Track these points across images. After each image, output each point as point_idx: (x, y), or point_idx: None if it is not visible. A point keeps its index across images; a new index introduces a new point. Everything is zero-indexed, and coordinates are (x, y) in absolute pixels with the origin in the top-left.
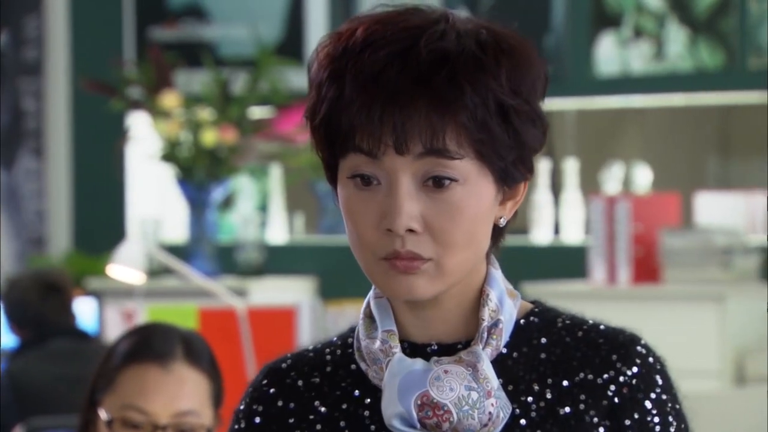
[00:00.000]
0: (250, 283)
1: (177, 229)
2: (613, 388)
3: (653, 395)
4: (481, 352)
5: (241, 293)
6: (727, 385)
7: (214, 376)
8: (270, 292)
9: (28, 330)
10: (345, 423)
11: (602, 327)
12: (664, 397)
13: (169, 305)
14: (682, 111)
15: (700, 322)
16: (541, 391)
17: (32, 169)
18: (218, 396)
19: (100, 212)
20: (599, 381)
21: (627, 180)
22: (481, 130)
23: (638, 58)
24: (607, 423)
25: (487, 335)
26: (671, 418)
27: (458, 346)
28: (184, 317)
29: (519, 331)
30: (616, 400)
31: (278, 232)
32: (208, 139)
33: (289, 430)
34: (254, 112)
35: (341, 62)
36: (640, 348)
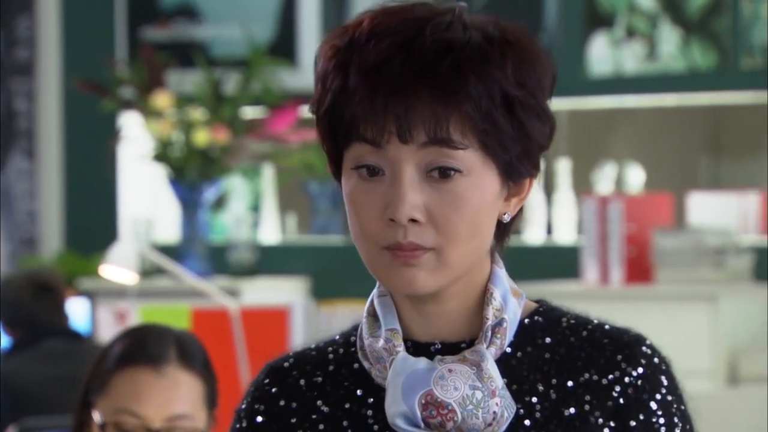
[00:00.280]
0: (243, 283)
1: (169, 230)
2: (618, 388)
3: (659, 396)
4: (485, 351)
5: (233, 293)
6: (720, 386)
7: (208, 378)
8: (262, 292)
9: (21, 330)
10: (348, 422)
11: (607, 327)
12: (669, 397)
13: (162, 305)
14: (674, 111)
15: (693, 322)
16: (546, 392)
17: (24, 169)
18: (212, 398)
19: (93, 212)
20: (604, 381)
21: (619, 180)
22: (485, 120)
23: (631, 58)
24: (612, 424)
25: (491, 334)
26: (677, 419)
27: (462, 345)
28: (176, 317)
29: (523, 330)
30: (622, 400)
31: (271, 232)
32: (200, 139)
33: (292, 430)
34: (246, 112)
35: (347, 53)
36: (645, 348)
